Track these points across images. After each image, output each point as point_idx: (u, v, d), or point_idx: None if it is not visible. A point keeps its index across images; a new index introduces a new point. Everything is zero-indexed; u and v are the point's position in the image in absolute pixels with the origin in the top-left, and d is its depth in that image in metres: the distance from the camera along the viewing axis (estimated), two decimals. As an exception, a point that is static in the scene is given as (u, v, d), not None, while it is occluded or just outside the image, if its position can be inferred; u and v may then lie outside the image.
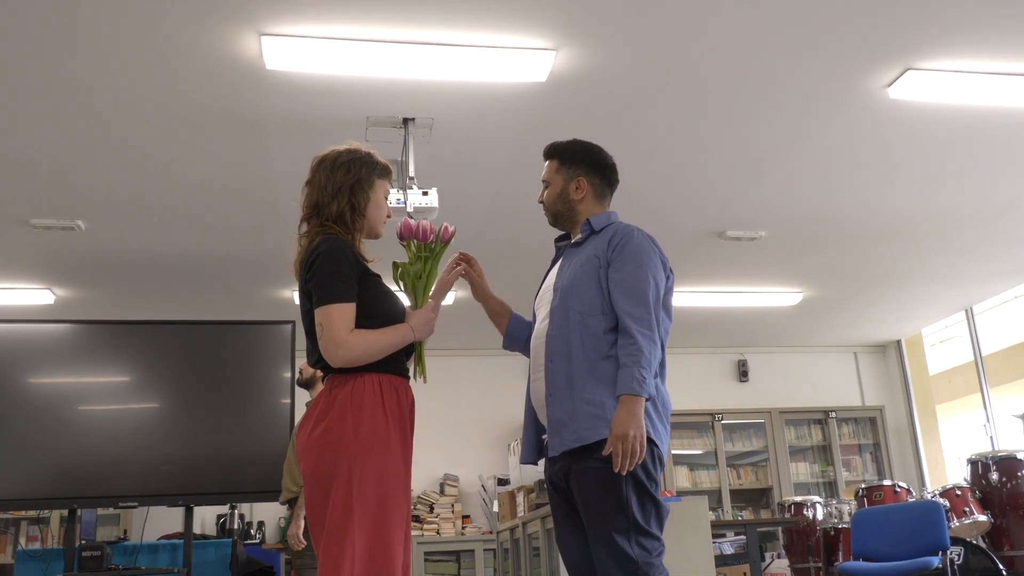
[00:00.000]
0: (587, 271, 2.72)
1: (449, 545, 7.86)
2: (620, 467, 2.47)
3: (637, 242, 2.71)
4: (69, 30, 3.61)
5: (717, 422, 8.72)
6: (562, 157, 2.92)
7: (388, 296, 2.55)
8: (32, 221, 5.31)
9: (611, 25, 3.78)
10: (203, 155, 4.70)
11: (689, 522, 4.44)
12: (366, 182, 2.55)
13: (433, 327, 2.59)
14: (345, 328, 2.37)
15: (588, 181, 2.88)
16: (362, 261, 2.51)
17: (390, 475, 2.36)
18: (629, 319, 2.58)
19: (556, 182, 2.90)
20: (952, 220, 6.11)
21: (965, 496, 5.83)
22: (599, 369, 2.60)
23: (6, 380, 5.17)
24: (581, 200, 2.88)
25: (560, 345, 2.68)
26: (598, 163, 2.92)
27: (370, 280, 2.50)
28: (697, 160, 5.07)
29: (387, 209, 2.64)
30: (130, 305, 6.75)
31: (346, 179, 2.52)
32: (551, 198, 2.92)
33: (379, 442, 2.36)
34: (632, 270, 2.65)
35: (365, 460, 2.32)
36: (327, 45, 3.75)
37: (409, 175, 4.38)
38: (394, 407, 2.43)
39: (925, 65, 4.15)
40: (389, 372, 2.47)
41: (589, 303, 2.67)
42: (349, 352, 2.37)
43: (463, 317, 7.64)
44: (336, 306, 2.38)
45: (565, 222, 2.92)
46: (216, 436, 5.31)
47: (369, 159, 2.59)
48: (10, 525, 7.28)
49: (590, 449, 2.56)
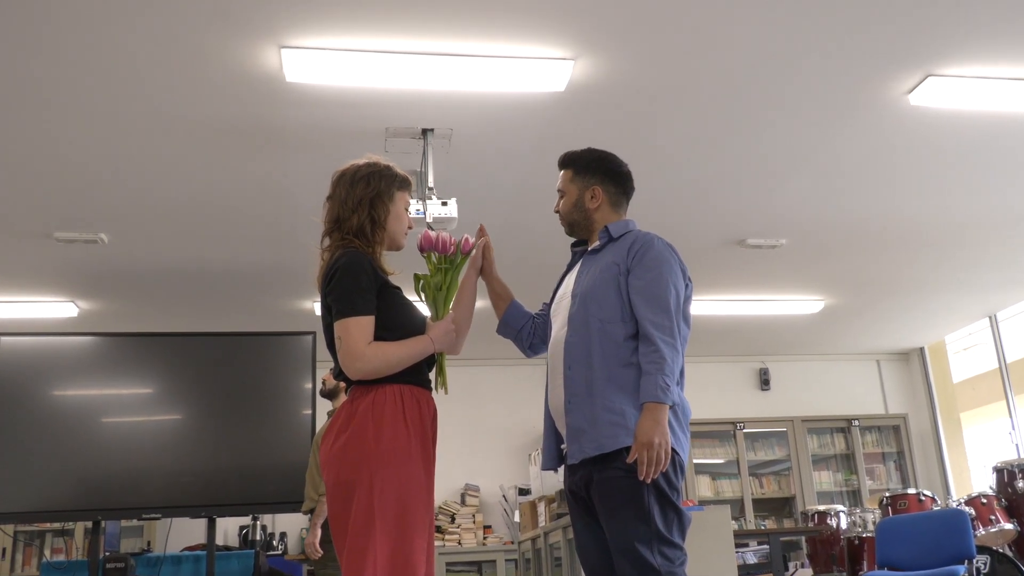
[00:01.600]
0: (607, 278, 2.71)
1: (470, 555, 7.84)
2: (645, 475, 2.46)
3: (657, 249, 2.71)
4: (88, 44, 3.64)
5: (739, 431, 8.67)
6: (576, 166, 2.92)
7: (407, 308, 2.56)
8: (55, 234, 5.36)
9: (630, 34, 3.78)
10: (224, 167, 4.74)
11: (711, 531, 4.42)
12: (386, 195, 2.57)
13: (453, 338, 2.59)
14: (363, 341, 2.39)
15: (603, 189, 2.88)
16: (381, 274, 2.52)
17: (411, 485, 2.37)
18: (651, 326, 2.58)
19: (571, 191, 2.90)
20: (975, 226, 6.06)
21: (991, 504, 5.76)
22: (619, 376, 2.60)
23: (31, 393, 5.22)
24: (597, 208, 2.88)
25: (579, 352, 2.67)
26: (613, 171, 2.92)
27: (389, 292, 2.51)
28: (717, 168, 5.06)
29: (408, 220, 2.65)
30: (153, 317, 6.80)
31: (366, 192, 2.54)
32: (567, 207, 2.91)
33: (400, 453, 2.37)
34: (653, 277, 2.65)
35: (386, 470, 2.33)
36: (346, 57, 3.77)
37: (428, 185, 4.39)
38: (415, 418, 2.44)
39: (946, 71, 4.12)
40: (411, 383, 2.48)
41: (609, 310, 2.66)
42: (366, 364, 2.39)
43: (483, 327, 7.65)
44: (354, 319, 2.39)
45: (581, 231, 2.92)
46: (238, 447, 5.33)
47: (388, 172, 2.60)
48: (35, 537, 7.33)
49: (610, 458, 2.55)
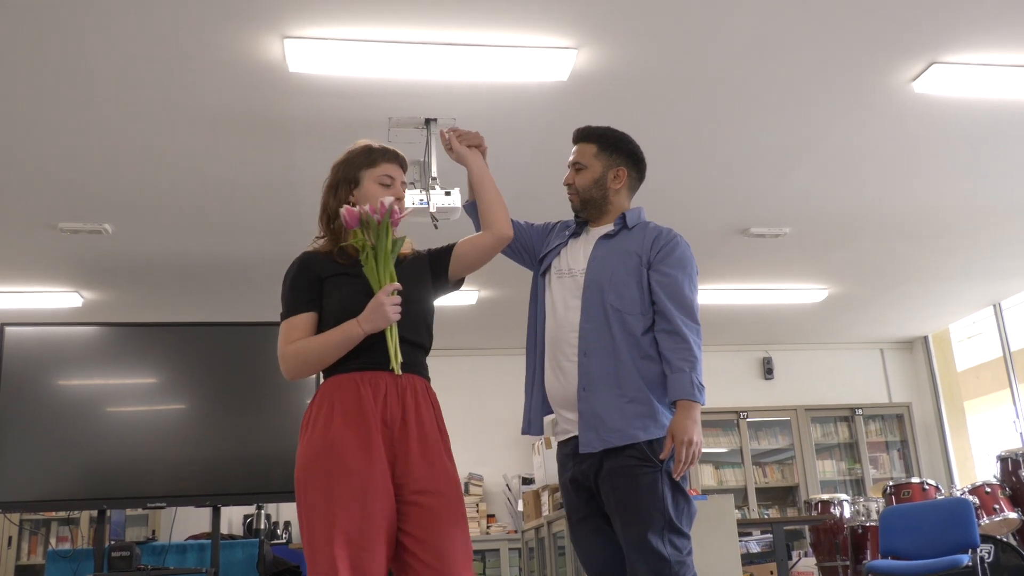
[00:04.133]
0: (628, 269, 2.69)
1: (474, 545, 7.76)
2: (679, 472, 2.50)
3: (683, 248, 2.73)
4: (93, 35, 3.64)
5: (742, 420, 8.67)
6: (602, 143, 2.84)
7: (353, 297, 2.36)
8: (60, 225, 5.36)
9: (633, 22, 3.76)
10: (227, 158, 4.74)
11: (715, 521, 4.43)
12: (351, 182, 2.50)
13: (386, 312, 2.31)
14: (284, 342, 2.37)
15: (627, 172, 2.84)
16: (339, 264, 2.43)
17: (311, 512, 2.23)
18: (682, 324, 2.59)
19: (595, 167, 2.81)
20: (979, 215, 6.04)
21: (995, 493, 5.77)
22: (644, 368, 2.61)
23: (35, 382, 5.22)
24: (618, 191, 2.83)
25: (598, 341, 2.65)
26: (636, 156, 2.88)
27: (333, 283, 2.40)
28: (720, 157, 5.05)
29: (384, 194, 2.46)
30: (157, 307, 6.81)
31: (333, 181, 2.53)
32: (586, 183, 2.81)
33: (303, 472, 2.27)
34: (680, 277, 2.67)
35: (297, 495, 2.29)
36: (349, 47, 3.76)
37: (432, 175, 4.39)
38: (352, 408, 2.28)
39: (950, 59, 4.10)
40: (358, 369, 2.32)
41: (629, 302, 2.66)
42: (285, 364, 2.37)
43: (487, 317, 7.66)
44: (283, 323, 2.40)
45: (594, 210, 2.83)
46: (243, 436, 5.33)
47: (352, 158, 2.52)
48: (41, 526, 7.37)
49: (624, 447, 2.56)
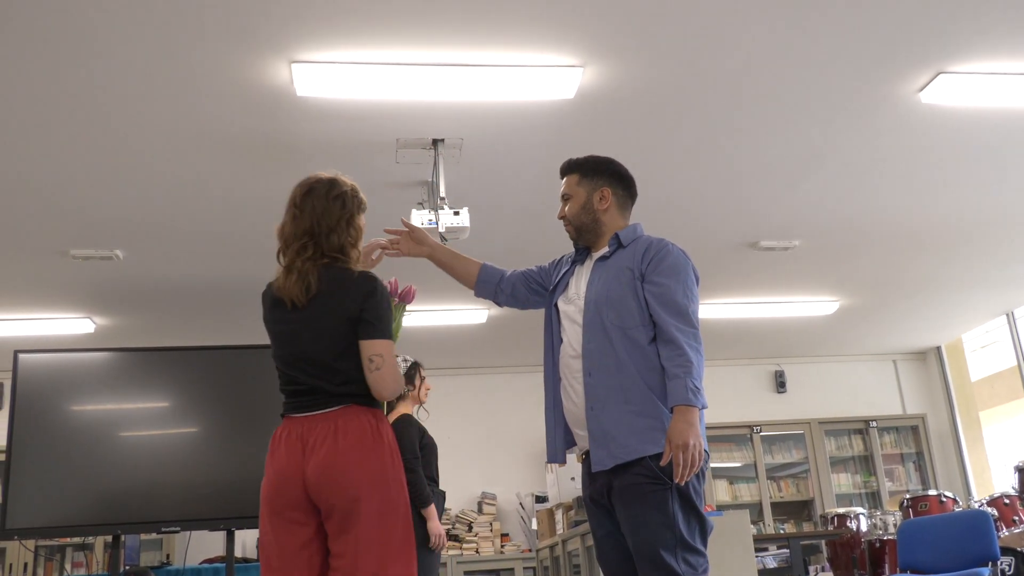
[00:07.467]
0: (622, 284, 2.71)
1: (488, 564, 7.82)
2: (680, 477, 2.46)
3: (675, 255, 2.73)
4: (103, 62, 3.67)
5: (756, 434, 8.63)
6: (583, 170, 2.92)
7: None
8: (71, 252, 5.39)
9: (638, 39, 3.78)
10: (237, 182, 4.76)
11: (731, 537, 4.41)
12: (357, 218, 2.62)
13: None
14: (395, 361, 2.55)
15: (612, 191, 2.88)
16: None
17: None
18: (675, 331, 2.58)
19: (579, 194, 2.89)
20: (989, 223, 6.02)
21: (1014, 504, 5.72)
22: (649, 380, 2.61)
23: (49, 408, 5.24)
24: (606, 210, 2.87)
25: (601, 358, 2.66)
26: (619, 173, 2.92)
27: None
28: (729, 171, 5.05)
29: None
30: (169, 332, 6.82)
31: (343, 213, 2.58)
32: (574, 211, 2.89)
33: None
34: (673, 284, 2.66)
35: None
36: (356, 70, 3.78)
37: (440, 195, 4.40)
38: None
39: (957, 68, 4.10)
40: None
41: (628, 315, 2.66)
42: (398, 383, 2.53)
43: (498, 335, 7.66)
44: (391, 343, 2.52)
45: (589, 235, 2.89)
46: (255, 459, 5.27)
47: (355, 194, 2.65)
48: (56, 552, 7.36)
49: (632, 466, 2.55)
